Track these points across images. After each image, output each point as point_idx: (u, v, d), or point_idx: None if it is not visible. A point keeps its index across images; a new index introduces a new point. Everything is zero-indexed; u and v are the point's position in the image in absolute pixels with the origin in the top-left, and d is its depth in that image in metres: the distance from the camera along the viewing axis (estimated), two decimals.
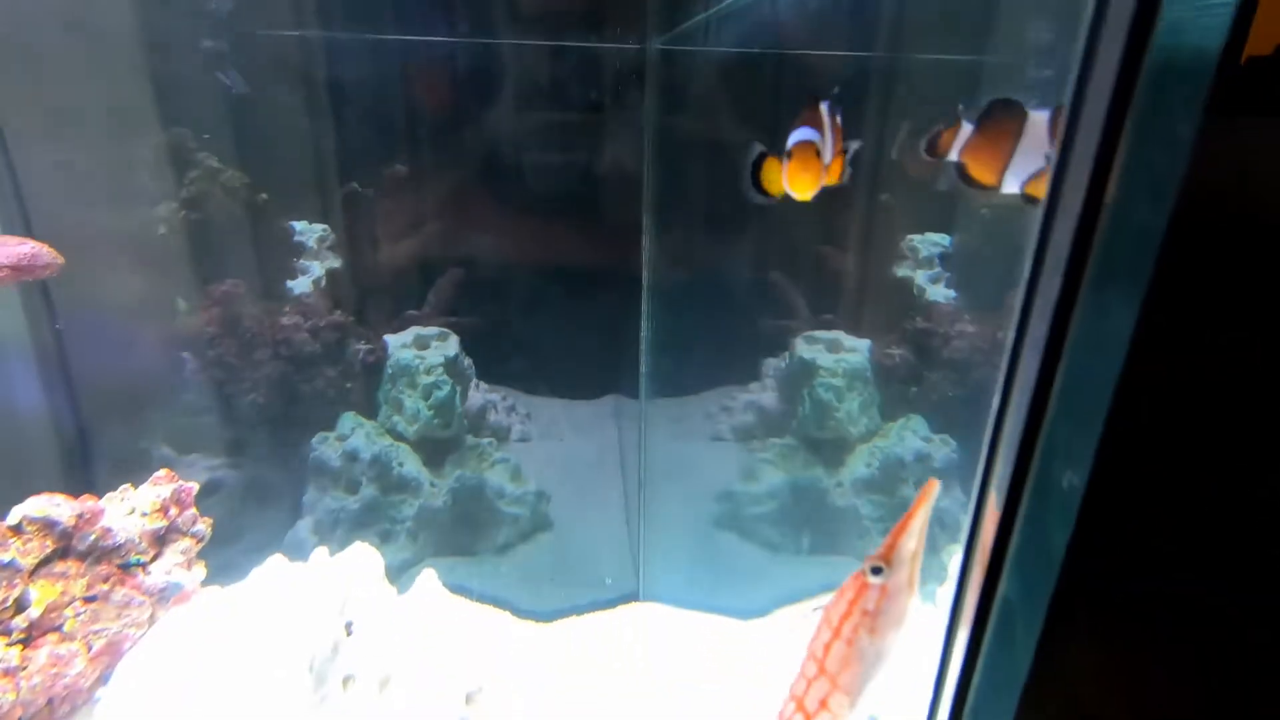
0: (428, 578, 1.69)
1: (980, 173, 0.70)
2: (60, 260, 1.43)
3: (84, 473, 1.97)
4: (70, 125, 1.84)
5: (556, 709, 1.56)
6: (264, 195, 2.24)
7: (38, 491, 1.10)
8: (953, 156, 0.71)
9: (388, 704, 1.26)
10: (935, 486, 0.59)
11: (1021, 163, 0.66)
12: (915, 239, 2.38)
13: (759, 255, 2.43)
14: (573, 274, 2.41)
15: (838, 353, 2.29)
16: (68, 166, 1.86)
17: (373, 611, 1.28)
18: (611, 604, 2.03)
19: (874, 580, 0.62)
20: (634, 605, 2.04)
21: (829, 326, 2.43)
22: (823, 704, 0.66)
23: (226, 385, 2.20)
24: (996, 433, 0.44)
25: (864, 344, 2.32)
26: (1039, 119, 0.67)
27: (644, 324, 2.07)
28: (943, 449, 2.19)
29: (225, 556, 2.04)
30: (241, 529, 2.11)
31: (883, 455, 2.18)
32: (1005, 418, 0.43)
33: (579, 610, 2.00)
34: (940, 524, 2.08)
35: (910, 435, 2.23)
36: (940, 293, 2.39)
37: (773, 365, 2.49)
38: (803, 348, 2.33)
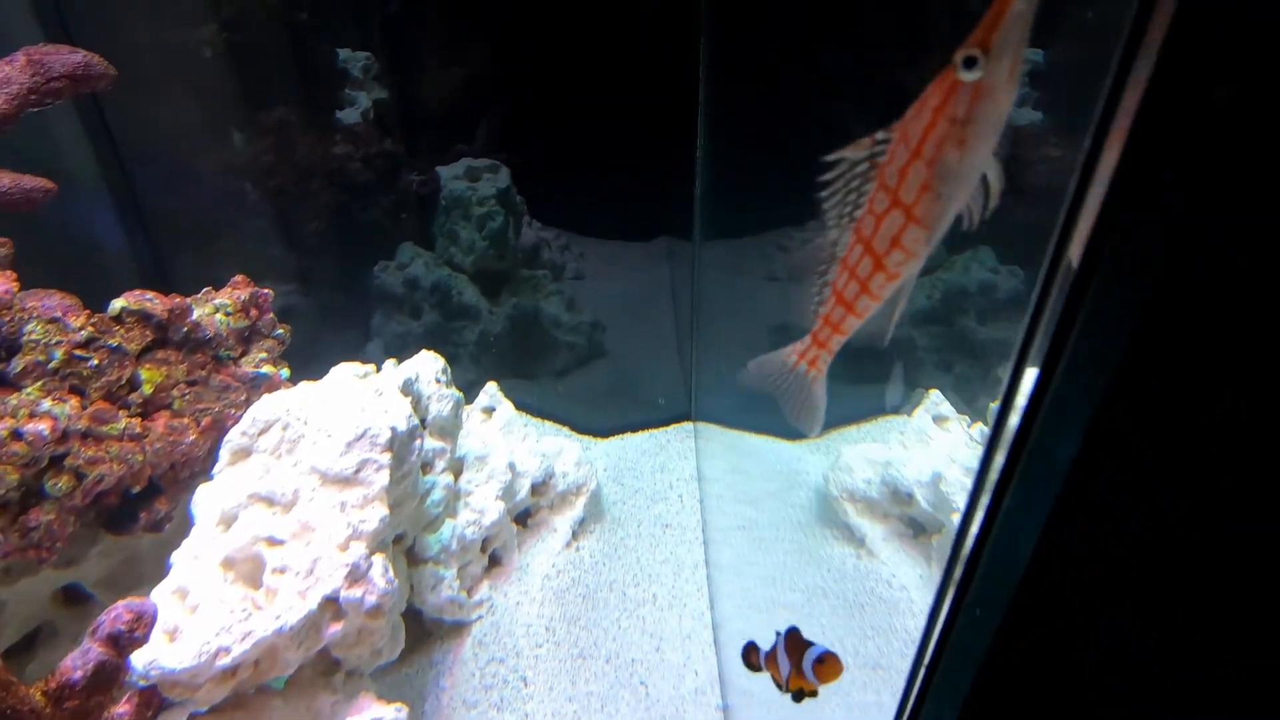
0: (491, 388, 1.79)
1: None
2: (113, 72, 1.42)
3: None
4: None
5: (613, 500, 1.69)
6: (304, 14, 2.15)
7: None
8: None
9: (461, 487, 1.38)
10: None
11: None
12: None
13: (824, 83, 2.24)
14: (626, 111, 2.28)
15: None
16: None
17: (442, 407, 1.37)
18: (664, 422, 2.13)
19: (967, 76, 0.46)
20: (686, 424, 2.13)
21: None
22: (895, 242, 0.55)
23: (288, 214, 2.24)
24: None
25: None
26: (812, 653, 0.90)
27: (698, 162, 1.98)
28: (1010, 280, 2.11)
29: (305, 374, 2.19)
30: (317, 351, 2.24)
31: (945, 286, 2.11)
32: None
33: (633, 428, 2.11)
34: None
35: (976, 266, 2.15)
36: (1026, 115, 2.19)
37: None
38: None
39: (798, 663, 0.91)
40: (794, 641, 0.96)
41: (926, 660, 0.61)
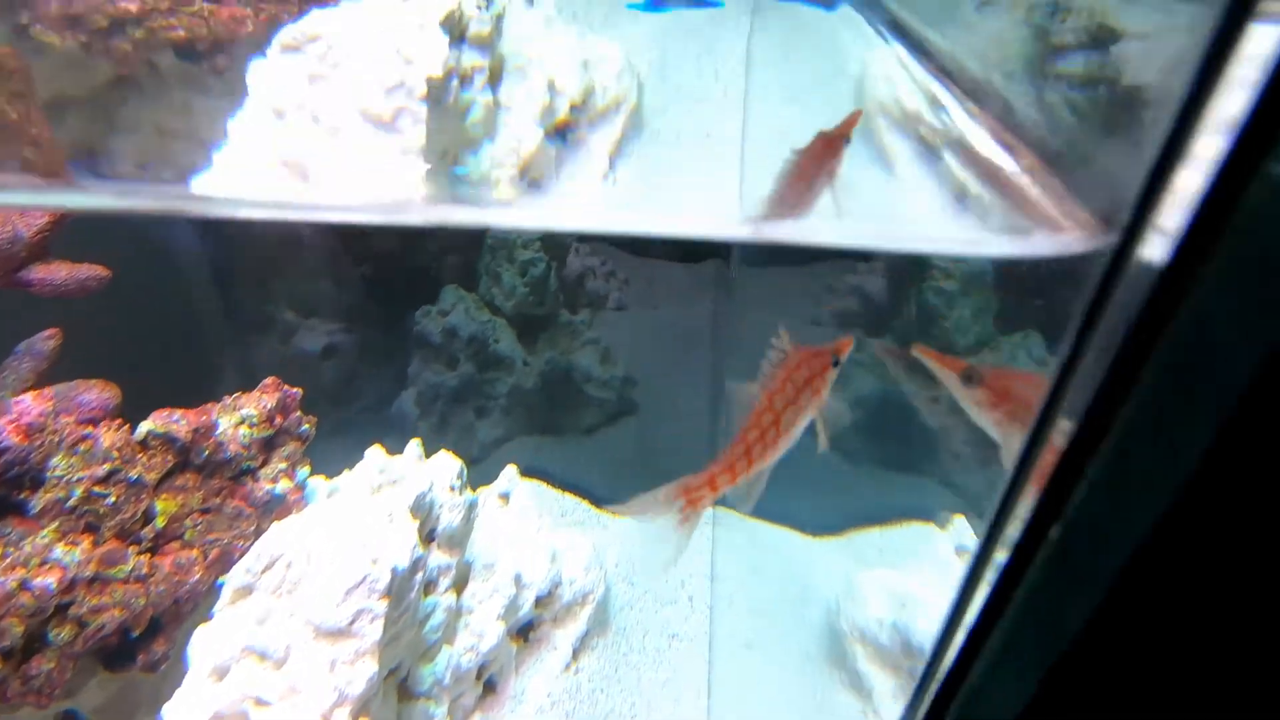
0: (510, 472, 1.79)
1: None
2: (107, 274, 1.40)
3: (224, 331, 2.18)
4: None
5: (620, 604, 1.68)
6: None
7: (188, 349, 1.20)
8: None
9: (463, 604, 1.39)
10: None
11: None
12: None
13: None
14: None
15: None
16: None
17: (453, 518, 1.38)
18: None
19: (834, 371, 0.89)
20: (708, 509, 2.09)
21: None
22: (768, 445, 0.91)
23: (340, 255, 2.29)
24: None
25: None
26: None
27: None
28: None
29: (340, 417, 2.24)
30: (355, 392, 2.30)
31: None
32: None
33: None
34: None
35: (1023, 355, 2.00)
36: None
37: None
38: None
39: None
40: None
41: None
